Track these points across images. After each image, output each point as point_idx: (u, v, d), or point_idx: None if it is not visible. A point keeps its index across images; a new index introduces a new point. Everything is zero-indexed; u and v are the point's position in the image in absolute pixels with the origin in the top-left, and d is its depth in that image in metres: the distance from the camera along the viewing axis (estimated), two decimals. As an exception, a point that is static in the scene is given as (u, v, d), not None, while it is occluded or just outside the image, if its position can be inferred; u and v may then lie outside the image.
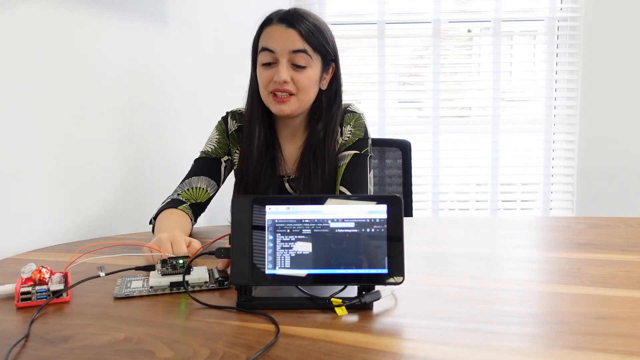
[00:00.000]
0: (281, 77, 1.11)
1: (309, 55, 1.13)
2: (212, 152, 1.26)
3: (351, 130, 1.22)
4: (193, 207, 1.18)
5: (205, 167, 1.23)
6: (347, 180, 1.18)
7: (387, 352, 0.60)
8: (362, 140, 1.22)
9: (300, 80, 1.13)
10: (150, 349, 0.61)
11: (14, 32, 1.08)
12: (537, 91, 2.46)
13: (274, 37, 1.13)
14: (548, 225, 1.32)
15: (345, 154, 1.21)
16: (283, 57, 1.12)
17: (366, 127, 1.24)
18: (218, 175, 1.24)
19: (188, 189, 1.19)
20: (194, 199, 1.18)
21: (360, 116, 1.24)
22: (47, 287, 0.77)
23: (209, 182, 1.22)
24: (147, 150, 1.54)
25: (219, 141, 1.27)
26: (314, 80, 1.16)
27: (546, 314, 0.70)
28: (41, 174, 1.15)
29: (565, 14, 2.37)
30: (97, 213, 1.33)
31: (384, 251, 0.72)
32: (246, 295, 0.73)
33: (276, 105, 1.15)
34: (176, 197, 1.18)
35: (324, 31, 1.16)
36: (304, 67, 1.13)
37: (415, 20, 2.49)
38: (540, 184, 2.49)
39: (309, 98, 1.17)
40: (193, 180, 1.21)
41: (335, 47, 1.20)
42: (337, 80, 1.22)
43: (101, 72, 1.33)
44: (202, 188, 1.20)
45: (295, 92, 1.14)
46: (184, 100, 1.71)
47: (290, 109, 1.15)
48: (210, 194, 1.22)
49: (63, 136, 1.21)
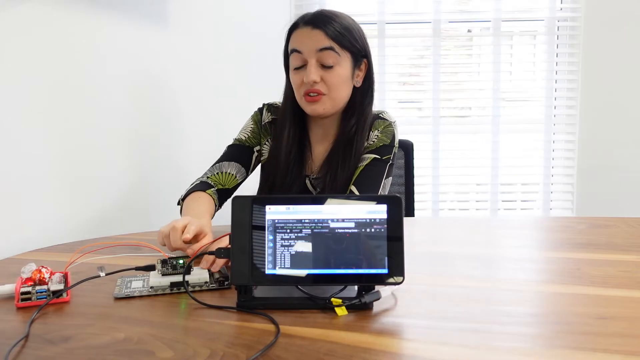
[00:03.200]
0: (310, 78, 1.12)
1: (337, 52, 1.13)
2: (245, 140, 1.27)
3: (377, 136, 1.22)
4: (220, 192, 1.19)
5: (236, 154, 1.25)
6: (360, 182, 1.18)
7: (387, 352, 0.60)
8: (387, 147, 1.22)
9: (330, 79, 1.14)
10: (150, 349, 0.61)
11: (15, 33, 1.08)
12: (537, 91, 2.46)
13: (300, 39, 1.15)
14: (548, 225, 1.32)
15: (365, 156, 1.21)
16: (311, 57, 1.13)
17: (394, 135, 1.24)
18: (248, 163, 1.26)
19: (218, 173, 1.20)
20: (222, 184, 1.19)
21: (392, 124, 1.24)
22: (47, 287, 0.77)
23: (239, 169, 1.23)
24: (148, 150, 1.54)
25: (253, 130, 1.28)
26: (345, 78, 1.16)
27: (546, 314, 0.70)
28: (41, 174, 1.15)
29: (565, 14, 2.37)
30: (97, 213, 1.33)
31: (384, 251, 0.72)
32: (246, 295, 0.73)
33: (309, 106, 1.16)
34: (205, 179, 1.19)
35: (351, 28, 1.17)
36: (333, 66, 1.13)
37: (415, 20, 2.49)
38: (540, 184, 2.49)
39: (341, 96, 1.17)
40: (224, 165, 1.22)
41: (365, 44, 1.20)
42: (370, 76, 1.22)
43: (103, 73, 1.33)
44: (231, 174, 1.21)
45: (327, 91, 1.15)
46: (187, 100, 1.71)
47: (323, 108, 1.16)
48: (238, 181, 1.23)
49: (64, 136, 1.21)
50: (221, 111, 1.82)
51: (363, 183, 1.18)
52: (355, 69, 1.19)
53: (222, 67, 1.92)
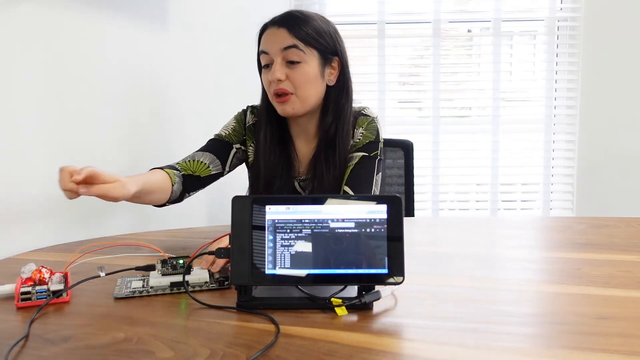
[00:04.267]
0: (274, 76, 1.12)
1: (301, 50, 1.12)
2: (225, 136, 1.27)
3: (363, 133, 1.22)
4: (189, 178, 1.18)
5: (213, 146, 1.25)
6: (352, 181, 1.18)
7: (387, 352, 0.60)
8: (373, 143, 1.22)
9: (295, 76, 1.13)
10: (150, 349, 0.61)
11: (14, 32, 1.08)
12: (537, 91, 2.46)
13: (267, 40, 1.15)
14: (548, 225, 1.32)
15: (354, 155, 1.21)
16: (277, 56, 1.13)
17: (378, 130, 1.24)
18: (225, 157, 1.25)
19: (189, 160, 1.20)
20: (192, 170, 1.19)
21: (374, 120, 1.24)
22: (47, 287, 0.78)
23: (213, 160, 1.22)
24: (148, 150, 1.54)
25: (234, 129, 1.28)
26: (312, 76, 1.15)
27: (546, 314, 0.70)
28: (41, 174, 1.15)
29: (565, 14, 2.37)
30: (97, 213, 1.33)
31: (384, 251, 0.72)
32: (246, 295, 0.73)
33: (279, 106, 1.16)
34: (173, 164, 1.19)
35: (318, 26, 1.16)
36: (299, 63, 1.13)
37: (415, 20, 2.49)
38: (540, 184, 2.49)
39: (310, 95, 1.16)
40: (197, 154, 1.22)
41: (336, 41, 1.19)
42: (345, 74, 1.21)
43: (101, 72, 1.33)
44: (204, 163, 1.21)
45: (293, 90, 1.14)
46: (187, 100, 1.71)
47: (292, 108, 1.16)
48: (212, 172, 1.22)
49: (63, 136, 1.21)
50: (221, 111, 1.82)
51: (355, 182, 1.18)
52: (326, 67, 1.18)
53: (222, 67, 1.92)
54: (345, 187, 1.18)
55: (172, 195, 1.14)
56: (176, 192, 1.15)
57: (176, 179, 1.15)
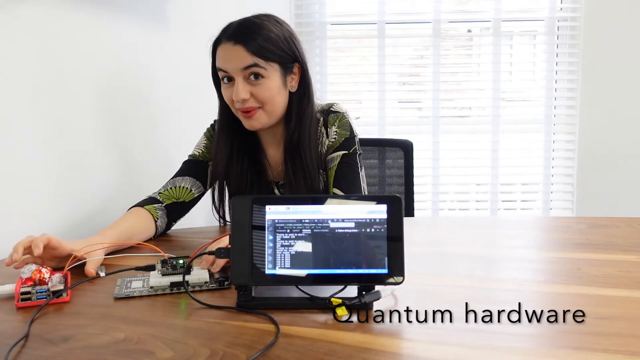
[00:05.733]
0: (239, 96, 1.09)
1: (262, 67, 1.09)
2: (199, 155, 1.27)
3: (336, 131, 1.20)
4: (173, 206, 1.19)
5: (191, 168, 1.25)
6: (340, 181, 1.17)
7: (387, 352, 0.60)
8: (349, 139, 1.20)
9: (259, 93, 1.10)
10: (150, 349, 0.61)
11: (12, 32, 1.08)
12: (537, 91, 2.46)
13: (224, 57, 1.11)
14: (548, 225, 1.32)
15: (333, 155, 1.19)
16: (237, 75, 1.09)
17: (351, 125, 1.22)
18: (204, 177, 1.25)
19: (171, 188, 1.21)
20: (176, 197, 1.19)
21: (344, 115, 1.22)
22: (47, 287, 0.78)
23: (194, 183, 1.23)
24: (147, 151, 1.54)
25: (206, 146, 1.28)
26: (276, 90, 1.12)
27: (546, 314, 0.70)
28: (40, 174, 1.15)
29: (565, 14, 2.37)
30: (97, 213, 1.33)
31: (384, 251, 0.72)
32: (246, 295, 0.73)
33: (246, 122, 1.14)
34: (155, 195, 1.19)
35: (275, 37, 1.11)
36: (262, 78, 1.10)
37: (415, 20, 2.49)
38: (540, 184, 2.49)
39: (277, 107, 1.14)
40: (177, 180, 1.22)
41: (294, 48, 1.15)
42: (305, 78, 1.18)
43: (101, 72, 1.33)
44: (186, 188, 1.21)
45: (259, 104, 1.12)
46: (184, 102, 1.71)
47: (260, 122, 1.14)
48: (195, 195, 1.23)
49: (62, 136, 1.21)
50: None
51: (343, 183, 1.17)
52: (288, 76, 1.15)
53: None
54: (334, 190, 1.17)
55: (157, 231, 1.16)
56: (161, 227, 1.17)
57: (158, 214, 1.16)
